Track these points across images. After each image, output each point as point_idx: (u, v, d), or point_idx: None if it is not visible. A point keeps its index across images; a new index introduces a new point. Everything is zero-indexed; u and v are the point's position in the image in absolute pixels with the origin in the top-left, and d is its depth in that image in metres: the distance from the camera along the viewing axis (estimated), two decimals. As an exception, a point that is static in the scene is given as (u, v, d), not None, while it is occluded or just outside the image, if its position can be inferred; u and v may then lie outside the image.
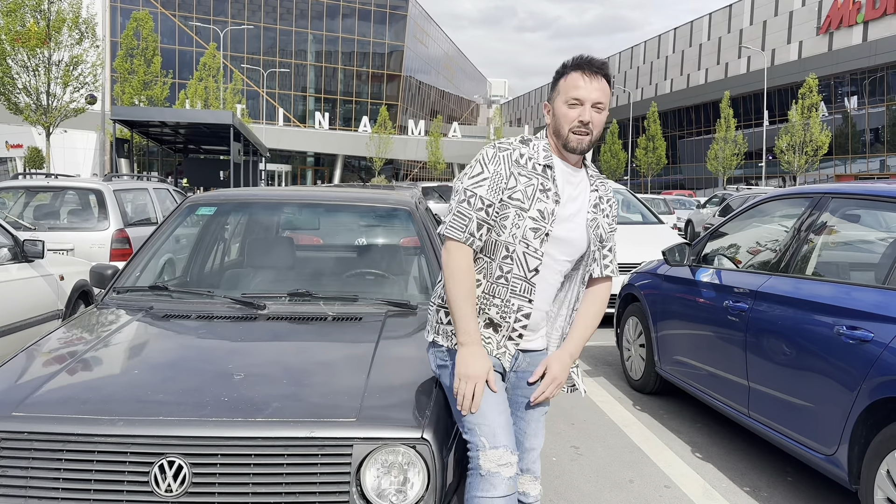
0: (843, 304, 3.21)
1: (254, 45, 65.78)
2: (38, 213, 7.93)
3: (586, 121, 2.10)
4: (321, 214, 4.27)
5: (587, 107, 2.10)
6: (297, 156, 66.85)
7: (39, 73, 23.85)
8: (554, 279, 2.21)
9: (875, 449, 2.90)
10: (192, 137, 23.43)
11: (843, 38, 46.87)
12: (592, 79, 2.11)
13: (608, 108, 2.17)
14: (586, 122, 2.10)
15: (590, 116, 2.10)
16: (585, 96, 2.10)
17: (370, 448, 2.00)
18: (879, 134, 44.78)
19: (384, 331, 2.76)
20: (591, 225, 2.21)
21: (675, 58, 65.17)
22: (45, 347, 2.62)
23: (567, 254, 2.19)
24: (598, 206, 2.23)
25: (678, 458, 4.11)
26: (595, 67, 2.13)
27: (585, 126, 2.11)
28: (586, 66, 2.13)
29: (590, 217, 2.21)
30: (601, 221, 2.24)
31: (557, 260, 2.18)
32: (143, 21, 34.02)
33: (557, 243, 2.15)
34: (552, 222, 2.12)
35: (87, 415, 2.05)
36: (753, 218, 4.61)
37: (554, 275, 2.20)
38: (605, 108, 2.15)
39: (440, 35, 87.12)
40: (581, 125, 2.11)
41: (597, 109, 2.12)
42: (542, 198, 2.12)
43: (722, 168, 47.89)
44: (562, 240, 2.16)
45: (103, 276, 3.40)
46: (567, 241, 2.17)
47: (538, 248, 2.12)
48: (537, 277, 2.15)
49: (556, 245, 2.15)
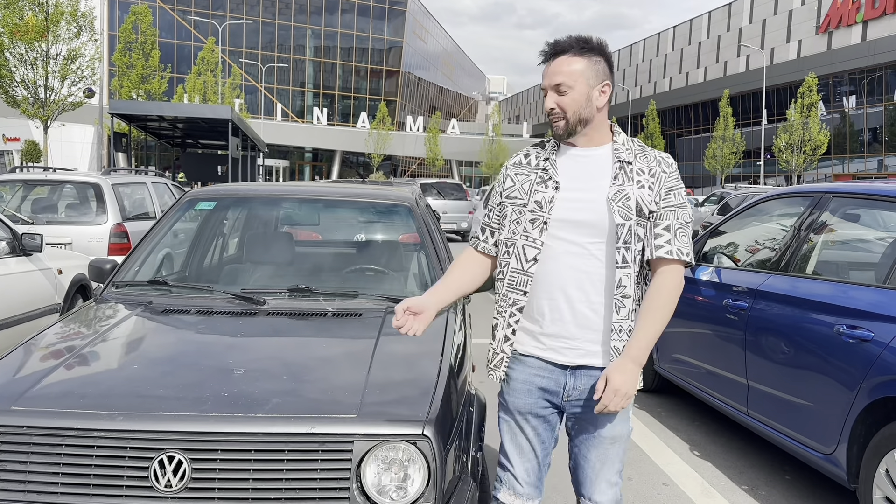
0: (843, 304, 3.21)
1: (252, 39, 65.65)
2: (36, 206, 7.91)
3: (549, 108, 2.08)
4: (321, 210, 4.26)
5: (550, 94, 2.07)
6: (296, 151, 66.79)
7: (37, 66, 23.79)
8: (567, 269, 2.06)
9: (874, 448, 2.90)
10: (190, 132, 23.36)
11: (843, 38, 46.87)
12: (549, 64, 2.07)
13: (587, 83, 2.03)
14: (550, 109, 2.07)
15: (554, 102, 2.05)
16: (547, 84, 2.08)
17: (371, 444, 1.99)
18: (878, 134, 44.83)
19: (384, 327, 2.75)
20: (614, 198, 2.02)
21: (675, 56, 65.15)
22: (44, 342, 2.61)
23: (585, 234, 2.04)
24: (620, 176, 2.04)
25: (677, 456, 4.11)
26: (551, 52, 2.07)
27: (551, 112, 2.08)
28: (545, 53, 2.10)
29: (613, 191, 2.03)
30: (633, 193, 2.02)
31: (577, 243, 2.05)
32: (141, 15, 33.92)
33: (564, 226, 2.06)
34: (550, 210, 2.07)
35: (86, 409, 2.04)
36: (753, 217, 4.61)
37: (564, 262, 2.06)
38: (577, 86, 2.02)
39: (439, 31, 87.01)
40: (549, 112, 2.09)
41: (560, 92, 2.04)
42: (539, 189, 2.09)
43: (720, 167, 47.92)
44: (569, 221, 2.05)
45: (102, 271, 3.39)
46: (577, 222, 2.05)
47: (537, 237, 2.08)
48: (535, 267, 2.08)
49: (564, 228, 2.06)
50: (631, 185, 2.04)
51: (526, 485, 2.17)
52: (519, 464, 2.18)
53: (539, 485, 2.19)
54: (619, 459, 2.14)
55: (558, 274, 2.06)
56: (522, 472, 2.17)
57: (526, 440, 2.17)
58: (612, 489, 2.14)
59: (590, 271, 2.05)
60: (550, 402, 2.14)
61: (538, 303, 2.10)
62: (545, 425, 2.17)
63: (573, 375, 2.10)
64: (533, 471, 2.17)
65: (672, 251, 2.04)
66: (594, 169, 2.09)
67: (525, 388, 2.14)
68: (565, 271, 2.06)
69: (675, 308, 2.06)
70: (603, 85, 2.06)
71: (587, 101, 2.04)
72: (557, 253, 2.07)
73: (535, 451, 2.17)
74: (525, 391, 2.14)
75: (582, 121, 2.05)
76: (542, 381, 2.12)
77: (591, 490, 2.14)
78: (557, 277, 2.06)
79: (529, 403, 2.14)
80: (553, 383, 2.11)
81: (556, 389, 2.11)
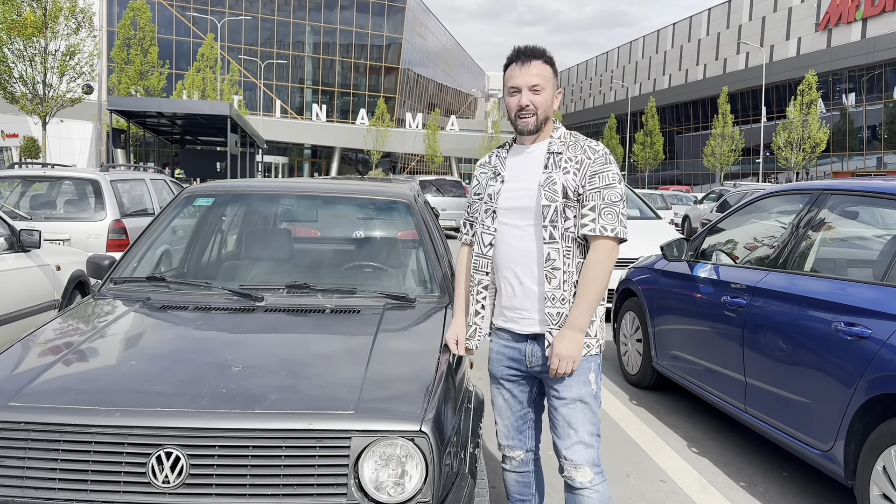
0: (841, 301, 3.21)
1: (251, 36, 65.52)
2: (35, 202, 7.89)
3: (524, 104, 2.35)
4: (319, 206, 4.25)
5: (524, 92, 2.35)
6: (294, 148, 66.69)
7: (36, 62, 23.72)
8: (513, 249, 2.40)
9: (871, 445, 2.90)
10: (189, 128, 23.37)
11: (842, 35, 46.85)
12: (525, 65, 2.35)
13: (553, 87, 2.39)
14: (525, 106, 2.35)
15: (528, 100, 2.34)
16: (521, 83, 2.35)
17: (368, 440, 1.99)
18: (877, 131, 44.83)
19: (382, 323, 2.75)
20: (543, 184, 2.34)
21: (674, 53, 65.10)
22: (42, 338, 2.60)
23: (523, 218, 2.38)
24: (549, 165, 2.36)
25: (674, 452, 4.12)
26: (527, 55, 2.36)
27: (525, 109, 2.35)
28: (519, 55, 2.37)
29: (543, 178, 2.35)
30: (560, 178, 2.34)
31: (518, 226, 2.39)
32: (140, 11, 33.88)
33: (508, 213, 2.41)
34: (497, 200, 2.43)
35: (83, 405, 2.04)
36: (751, 214, 4.61)
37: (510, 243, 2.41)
38: (547, 88, 2.36)
39: (439, 28, 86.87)
40: (521, 109, 2.36)
41: (534, 91, 2.35)
42: (492, 183, 2.47)
43: (719, 164, 47.93)
44: (512, 209, 2.41)
45: (100, 267, 3.39)
46: (518, 208, 2.39)
47: (490, 224, 2.45)
48: (492, 251, 2.46)
49: (509, 215, 2.41)
50: (558, 172, 2.35)
51: (506, 438, 2.58)
52: (499, 421, 2.59)
53: (520, 437, 2.57)
54: (590, 421, 2.39)
55: (507, 255, 2.42)
56: (503, 427, 2.58)
57: (503, 401, 2.55)
58: (587, 450, 2.38)
59: (529, 250, 2.38)
60: (518, 369, 2.48)
61: (498, 281, 2.47)
62: (518, 388, 2.52)
63: (531, 343, 2.43)
64: (512, 426, 2.56)
65: (595, 228, 2.32)
66: (534, 161, 2.42)
67: (497, 357, 2.52)
68: (512, 251, 2.41)
69: (607, 275, 2.32)
70: (558, 91, 2.44)
71: (551, 102, 2.39)
72: (505, 237, 2.42)
73: (511, 410, 2.55)
74: (497, 360, 2.53)
75: (545, 118, 2.39)
76: (509, 351, 2.48)
77: (565, 449, 2.40)
78: (507, 258, 2.42)
79: (501, 370, 2.52)
80: (517, 353, 2.46)
81: (521, 357, 2.45)
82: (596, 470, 2.39)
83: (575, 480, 2.38)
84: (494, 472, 3.68)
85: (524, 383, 2.51)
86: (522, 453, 2.57)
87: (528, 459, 2.59)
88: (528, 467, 2.60)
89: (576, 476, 2.38)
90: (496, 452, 3.95)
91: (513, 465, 2.59)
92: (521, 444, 2.57)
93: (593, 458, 2.39)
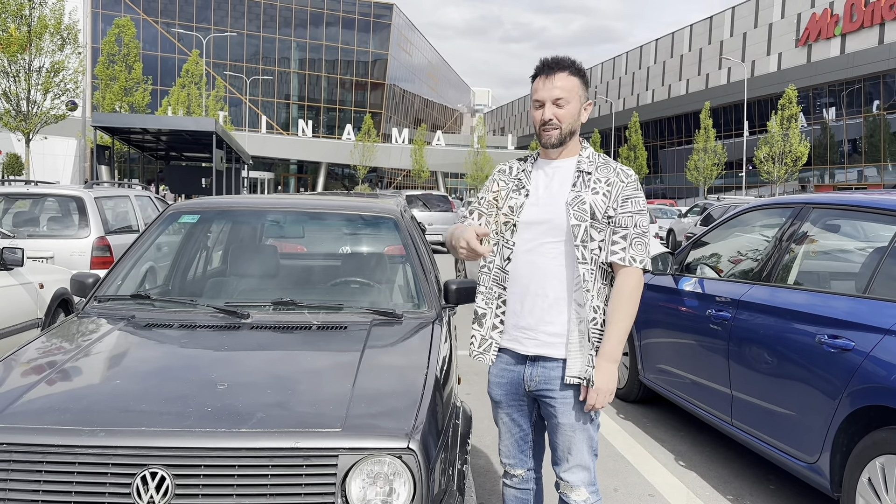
0: (825, 314, 3.24)
1: (237, 52, 65.55)
2: (18, 220, 7.82)
3: (547, 119, 2.30)
4: (305, 222, 4.24)
5: (548, 105, 2.30)
6: (280, 163, 66.58)
7: (20, 79, 23.58)
8: (526, 265, 2.33)
9: (857, 457, 2.92)
10: (174, 144, 23.26)
11: (822, 51, 47.55)
12: (549, 79, 2.31)
13: (580, 99, 2.32)
14: (548, 120, 2.30)
15: (552, 113, 2.30)
16: (545, 97, 2.31)
17: (356, 458, 1.98)
18: (857, 145, 45.42)
19: (369, 339, 2.74)
20: (571, 203, 2.29)
21: (657, 68, 65.77)
22: (25, 357, 2.57)
23: (545, 234, 2.31)
24: (578, 184, 2.31)
25: (662, 466, 4.12)
26: (552, 67, 2.31)
27: (549, 123, 2.30)
28: (543, 69, 2.33)
29: (571, 196, 2.30)
30: (588, 198, 2.29)
31: (538, 242, 2.32)
32: (125, 27, 33.78)
33: (529, 227, 2.34)
34: (519, 213, 2.35)
35: (67, 425, 2.02)
36: (735, 227, 4.65)
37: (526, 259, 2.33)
38: (573, 101, 2.30)
39: (424, 44, 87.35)
40: (544, 123, 2.31)
41: (558, 105, 2.30)
42: (514, 196, 2.39)
43: (702, 178, 48.31)
44: (534, 222, 2.33)
45: (84, 285, 3.35)
46: (541, 221, 2.32)
47: (510, 238, 2.38)
48: (510, 266, 2.37)
49: (530, 229, 2.34)
50: (587, 192, 2.30)
51: (507, 456, 2.55)
52: (501, 441, 2.56)
53: (521, 456, 2.53)
54: (588, 444, 2.38)
55: (522, 271, 2.35)
56: (503, 447, 2.55)
57: (503, 423, 2.53)
58: (584, 472, 2.37)
59: (545, 267, 2.32)
60: (517, 392, 2.44)
61: (510, 297, 2.39)
62: (518, 412, 2.48)
63: (531, 365, 2.37)
64: (513, 446, 2.52)
65: (626, 259, 2.28)
66: (561, 178, 2.36)
67: (496, 380, 2.47)
68: (527, 268, 2.34)
69: (637, 305, 2.29)
70: (587, 103, 2.36)
71: (577, 115, 2.33)
72: (523, 252, 2.35)
73: (510, 432, 2.51)
74: (496, 383, 2.47)
75: (571, 132, 2.33)
76: (509, 374, 2.42)
77: (563, 472, 2.39)
78: (521, 274, 2.35)
79: (500, 394, 2.47)
80: (516, 376, 2.41)
81: (519, 381, 2.41)
82: (591, 489, 2.39)
83: (570, 498, 2.38)
84: (482, 489, 3.66)
85: (524, 406, 2.47)
86: (523, 472, 2.55)
87: (529, 478, 2.57)
88: (529, 485, 2.58)
89: (571, 495, 2.38)
90: (484, 468, 3.94)
91: (514, 481, 2.58)
92: (521, 463, 2.55)
93: (590, 479, 2.39)
